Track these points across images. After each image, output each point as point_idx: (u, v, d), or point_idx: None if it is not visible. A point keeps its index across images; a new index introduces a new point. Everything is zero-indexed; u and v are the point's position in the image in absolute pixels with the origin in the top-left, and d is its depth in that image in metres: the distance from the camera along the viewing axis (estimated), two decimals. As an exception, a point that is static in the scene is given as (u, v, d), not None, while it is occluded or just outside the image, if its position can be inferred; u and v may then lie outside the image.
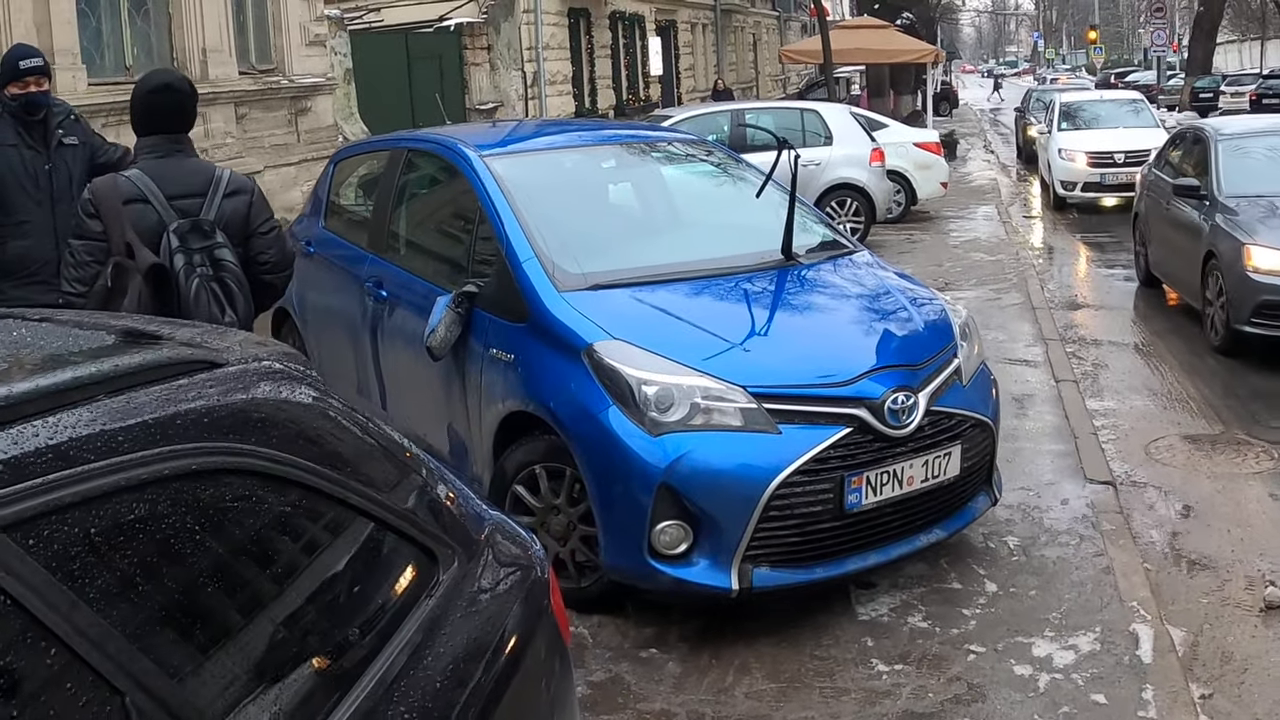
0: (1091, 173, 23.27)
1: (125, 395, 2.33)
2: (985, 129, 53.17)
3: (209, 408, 2.48)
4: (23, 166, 7.00)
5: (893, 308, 6.93)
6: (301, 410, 2.78)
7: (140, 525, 2.18)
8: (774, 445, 5.83)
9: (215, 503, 2.40)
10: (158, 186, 5.67)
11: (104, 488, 2.11)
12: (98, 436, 2.18)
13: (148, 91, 5.83)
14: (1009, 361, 11.33)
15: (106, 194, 5.61)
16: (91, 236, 5.59)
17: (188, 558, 2.29)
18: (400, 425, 7.81)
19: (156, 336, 2.87)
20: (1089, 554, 7.00)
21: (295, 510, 2.63)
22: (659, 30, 44.77)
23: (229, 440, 2.46)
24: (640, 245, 7.52)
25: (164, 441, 2.29)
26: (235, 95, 18.38)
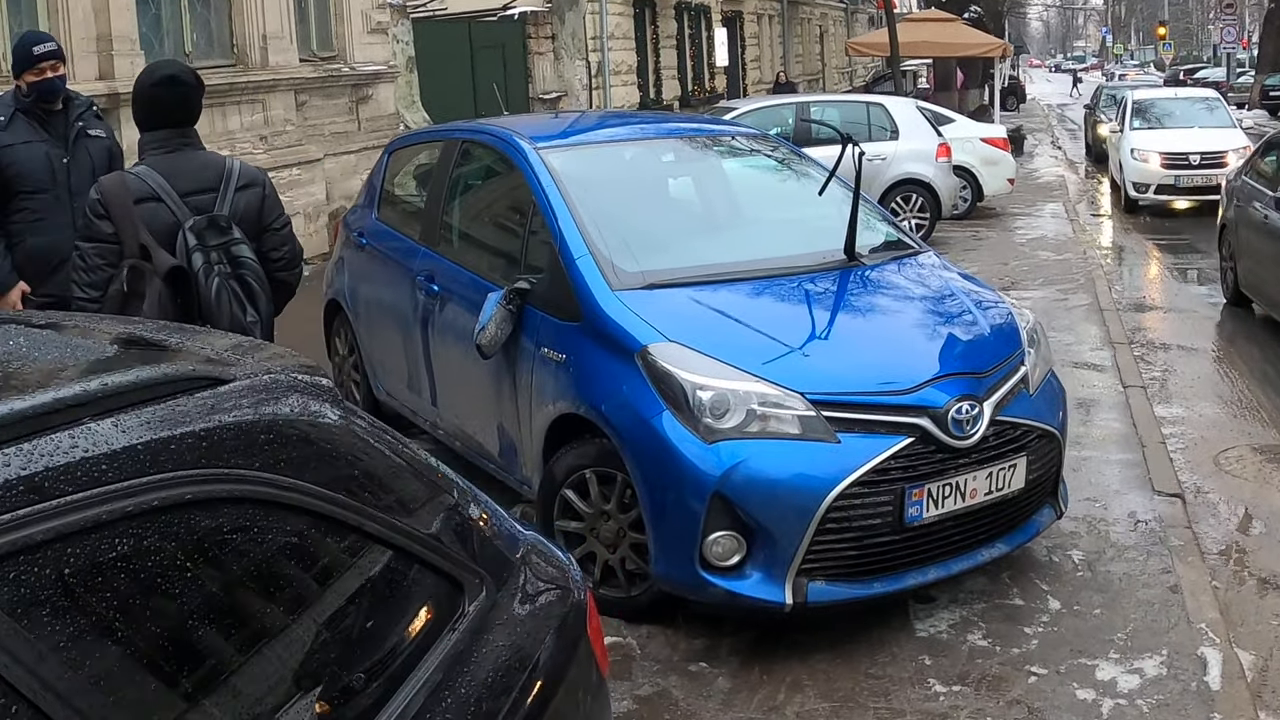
0: (1166, 174, 22.45)
1: (113, 418, 2.14)
2: (1053, 124, 52.67)
3: (208, 430, 2.28)
4: (38, 160, 6.76)
5: (958, 312, 6.70)
6: (316, 430, 2.57)
7: (123, 563, 2.00)
8: (832, 455, 5.61)
9: (212, 535, 2.20)
10: (169, 183, 5.47)
11: (81, 522, 1.93)
12: (77, 465, 1.99)
13: (152, 84, 5.61)
14: (1075, 365, 11.07)
15: (116, 193, 5.40)
16: (102, 239, 5.38)
17: (177, 598, 2.10)
18: (449, 423, 7.74)
19: (161, 348, 2.68)
20: (1156, 570, 6.75)
21: (304, 541, 2.42)
22: (725, 21, 44.56)
23: (230, 466, 2.26)
24: (698, 243, 7.30)
25: (154, 469, 2.10)
26: (295, 82, 18.30)
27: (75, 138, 6.84)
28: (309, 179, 18.41)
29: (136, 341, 2.80)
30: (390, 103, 21.39)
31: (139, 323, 3.09)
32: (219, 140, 16.49)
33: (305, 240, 17.98)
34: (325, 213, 18.40)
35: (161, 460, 2.12)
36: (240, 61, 17.49)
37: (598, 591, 6.19)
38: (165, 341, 2.78)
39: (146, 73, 5.76)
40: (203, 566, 2.17)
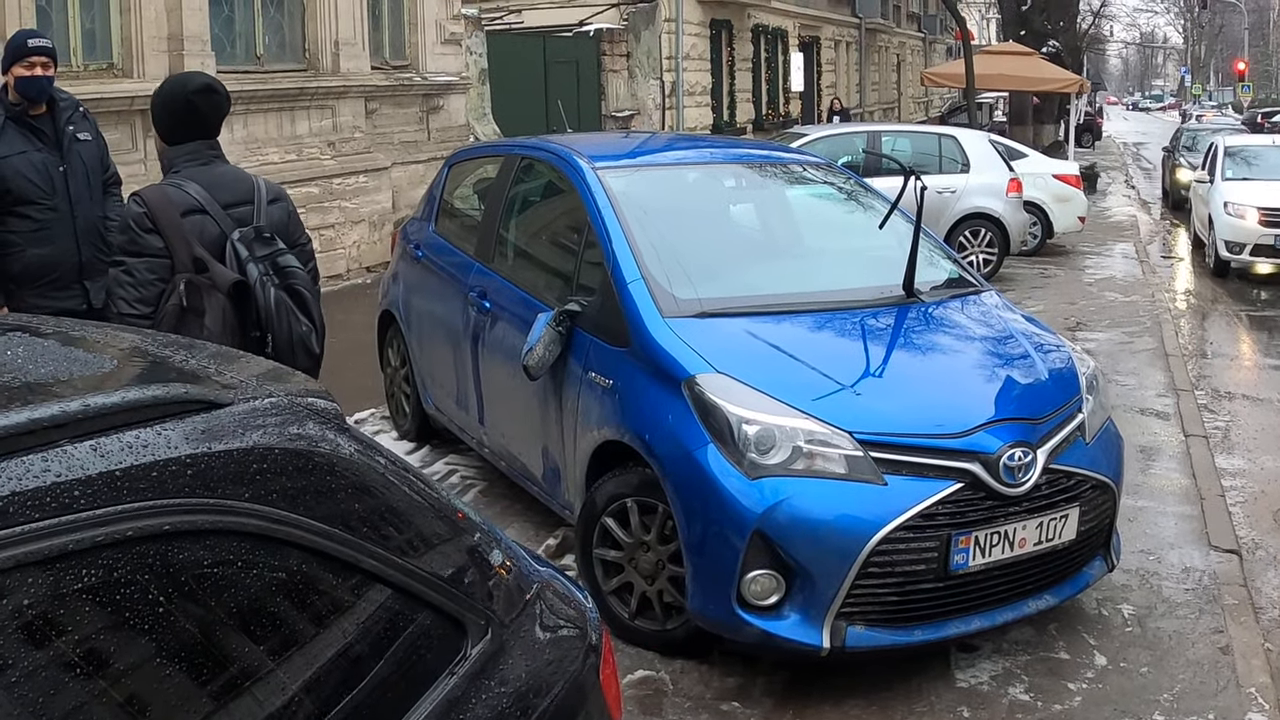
0: (1265, 233, 19.67)
1: (93, 440, 2.03)
2: (1127, 163, 52.28)
3: (195, 457, 2.16)
4: (35, 171, 6.57)
5: (1016, 354, 6.55)
6: (314, 460, 2.44)
7: (90, 596, 1.90)
8: (878, 497, 5.47)
9: (190, 569, 2.09)
10: (210, 194, 5.36)
11: (46, 551, 1.83)
12: (47, 490, 1.89)
13: (192, 92, 5.45)
14: (1138, 412, 10.87)
15: (162, 206, 5.25)
16: (152, 253, 5.22)
17: (149, 635, 1.99)
18: (495, 442, 7.66)
19: (169, 367, 2.58)
20: (1207, 630, 6.57)
21: (293, 577, 2.30)
22: (802, 46, 44.52)
23: (216, 496, 2.15)
24: (753, 272, 7.18)
25: (131, 497, 1.99)
26: (366, 90, 18.38)
27: (68, 144, 6.65)
28: (375, 186, 18.45)
29: (142, 359, 2.70)
30: (461, 114, 21.42)
31: (151, 336, 2.97)
32: (286, 144, 16.59)
33: (370, 248, 18.11)
34: (390, 221, 18.43)
35: (141, 488, 2.02)
36: (311, 66, 17.56)
37: (633, 623, 6.10)
38: (168, 360, 2.68)
39: (178, 82, 5.62)
40: (179, 602, 2.06)
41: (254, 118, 16.27)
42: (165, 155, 5.57)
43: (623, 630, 6.12)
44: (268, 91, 16.46)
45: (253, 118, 16.24)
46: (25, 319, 2.91)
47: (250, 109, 16.16)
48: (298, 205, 16.50)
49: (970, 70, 28.67)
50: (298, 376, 2.76)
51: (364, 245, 18.26)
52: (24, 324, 2.78)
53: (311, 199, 17.08)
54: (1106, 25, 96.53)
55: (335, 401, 2.66)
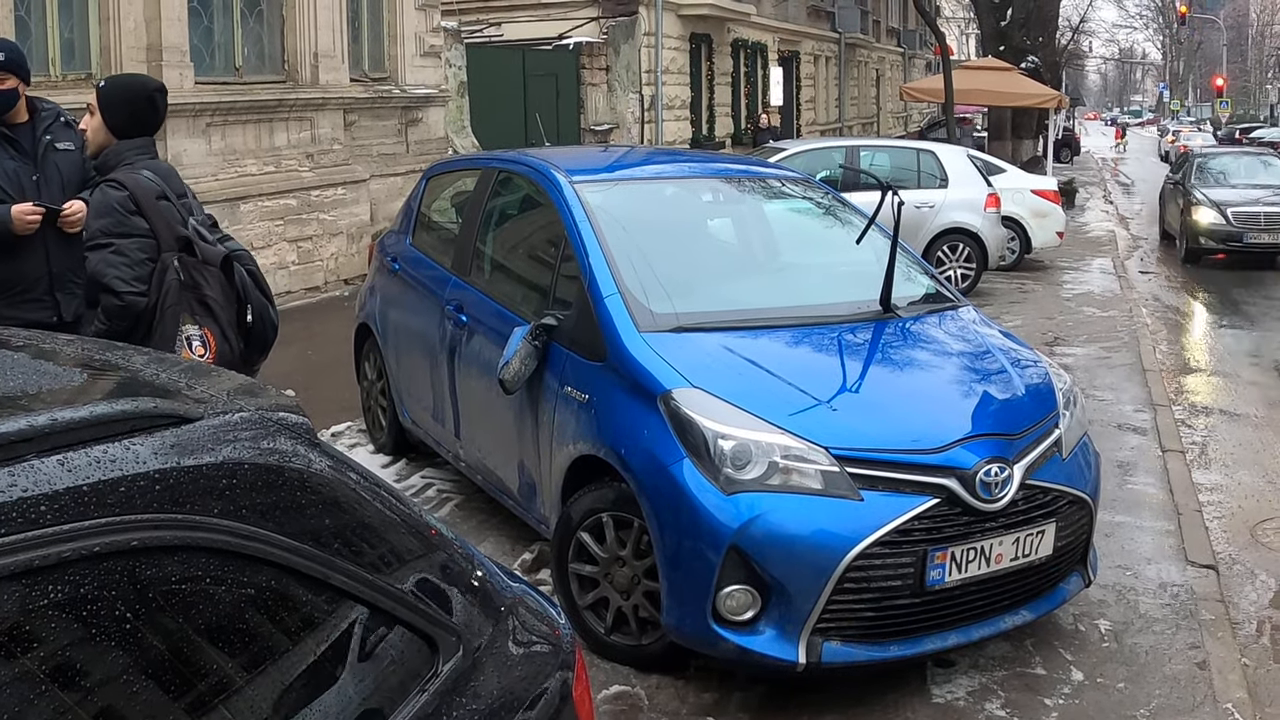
0: None
1: (59, 455, 2.01)
2: (1106, 178, 52.43)
3: (163, 472, 2.14)
4: (6, 180, 6.44)
5: (993, 370, 6.55)
6: (285, 476, 2.42)
7: (55, 612, 1.88)
8: (854, 513, 5.45)
9: (158, 585, 2.06)
10: (166, 184, 5.76)
11: (11, 567, 1.81)
12: (13, 505, 1.87)
13: (154, 90, 5.95)
14: (1116, 427, 10.88)
15: (141, 190, 5.61)
16: (141, 233, 5.55)
17: (115, 652, 1.97)
18: (471, 456, 7.64)
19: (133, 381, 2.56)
20: (1184, 645, 6.57)
21: (263, 593, 2.28)
22: (781, 60, 44.57)
23: (185, 511, 2.12)
24: (730, 287, 7.17)
25: (99, 512, 1.97)
26: (345, 102, 18.37)
27: (43, 153, 6.59)
28: (354, 199, 18.43)
29: (113, 372, 2.68)
30: (440, 126, 21.41)
31: (122, 349, 2.95)
32: (265, 156, 16.56)
33: (348, 260, 18.10)
34: (368, 233, 18.42)
35: (108, 503, 2.00)
36: (290, 78, 17.56)
37: (608, 638, 6.08)
38: (140, 373, 2.65)
39: (137, 81, 6.14)
40: (148, 618, 2.03)
41: (232, 129, 16.25)
42: (112, 150, 5.84)
43: (598, 645, 6.10)
44: (246, 103, 16.44)
45: (231, 129, 16.22)
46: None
47: (229, 120, 16.14)
48: (276, 217, 16.57)
49: (949, 85, 28.70)
50: (269, 391, 2.74)
51: (342, 257, 18.23)
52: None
53: (290, 211, 17.07)
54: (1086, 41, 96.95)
55: (306, 416, 2.64)
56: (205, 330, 5.53)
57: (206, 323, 5.55)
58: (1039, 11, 38.19)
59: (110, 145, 5.83)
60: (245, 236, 15.93)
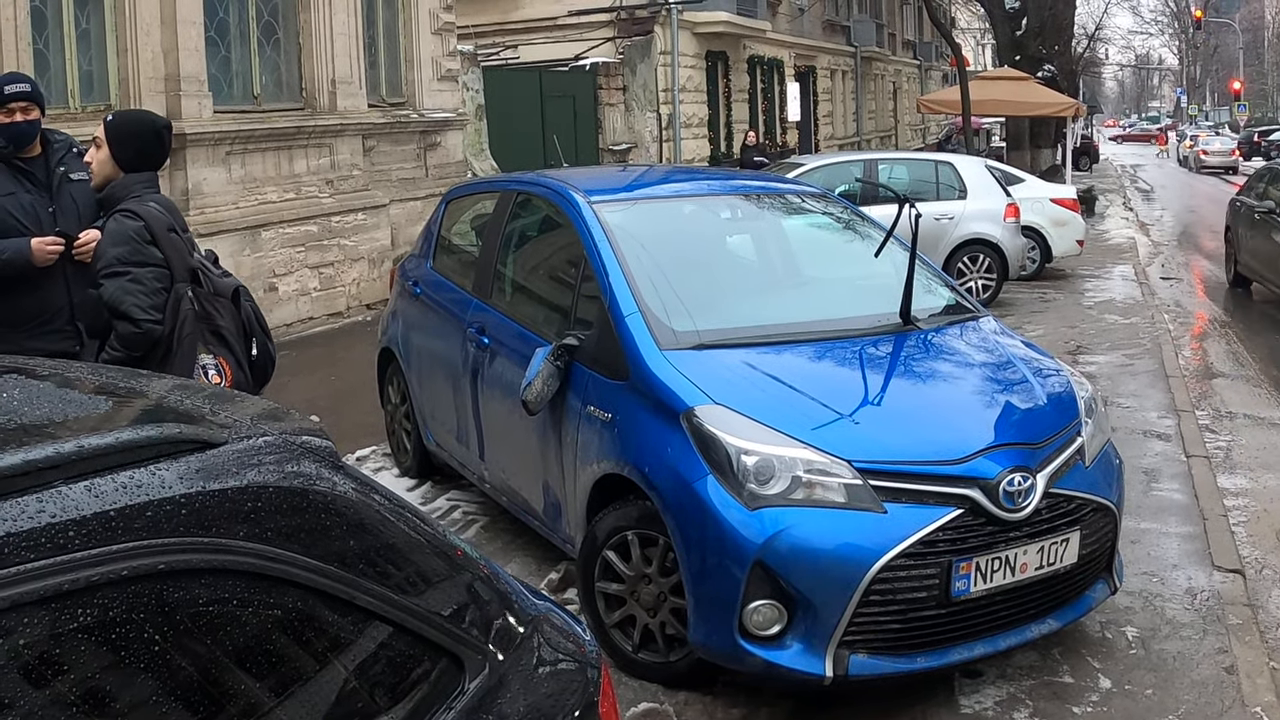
0: None
1: (86, 481, 2.05)
2: (1125, 185, 52.32)
3: (189, 496, 2.17)
4: (23, 213, 6.48)
5: (1014, 380, 6.56)
6: (309, 498, 2.45)
7: (85, 636, 1.91)
8: (878, 525, 5.46)
9: (185, 608, 2.10)
10: (172, 218, 5.86)
11: (41, 591, 1.85)
12: (41, 531, 1.91)
13: (162, 127, 6.08)
14: (1140, 433, 10.86)
15: (155, 221, 5.69)
16: (156, 263, 5.64)
17: (143, 675, 1.99)
18: (496, 478, 7.66)
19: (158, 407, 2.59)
20: (1212, 650, 6.56)
21: (289, 615, 2.31)
22: (798, 76, 44.59)
23: (211, 535, 2.16)
24: (751, 303, 7.19)
25: (126, 536, 2.00)
26: (364, 127, 18.44)
27: (59, 184, 6.63)
28: (374, 224, 18.50)
29: (137, 399, 2.71)
30: (458, 150, 21.47)
31: (145, 377, 2.99)
32: (285, 183, 16.64)
33: (369, 286, 18.15)
34: (389, 258, 18.48)
35: (136, 528, 2.03)
36: (308, 105, 17.63)
37: (636, 655, 6.09)
38: (166, 401, 2.69)
39: (145, 117, 6.27)
40: (175, 641, 2.06)
41: (251, 157, 16.33)
42: (120, 182, 5.92)
43: (626, 663, 6.12)
44: (265, 131, 16.53)
45: (250, 157, 16.30)
46: (21, 361, 2.93)
47: (248, 148, 16.22)
48: (297, 244, 16.68)
49: (966, 96, 28.69)
50: (292, 416, 2.77)
51: (363, 283, 18.30)
52: (20, 366, 2.79)
53: (311, 237, 17.13)
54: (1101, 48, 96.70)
55: (330, 440, 2.67)
56: (220, 359, 5.61)
57: (221, 352, 5.64)
58: (1054, 20, 38.21)
59: (116, 178, 5.91)
60: (267, 264, 16.05)
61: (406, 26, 20.24)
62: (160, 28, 14.74)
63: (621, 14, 32.03)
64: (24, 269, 6.35)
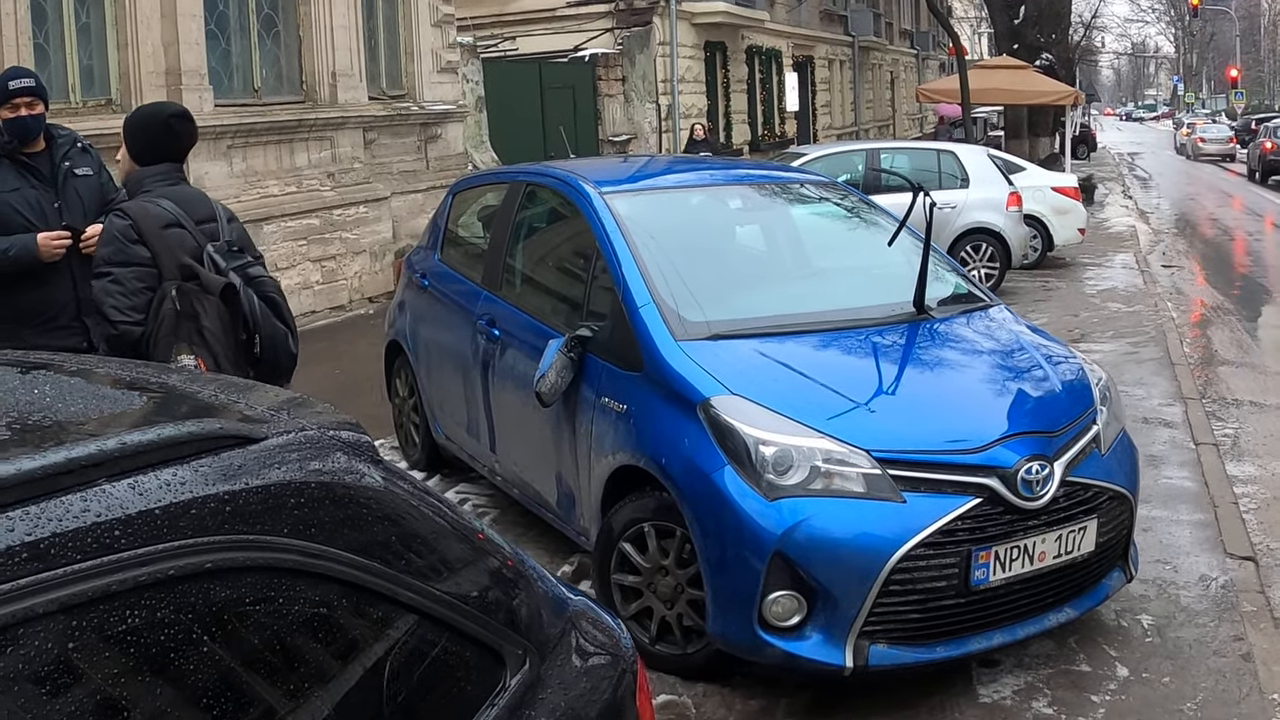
0: None
1: (130, 479, 2.01)
2: (1123, 173, 52.29)
3: (233, 493, 2.14)
4: (29, 208, 6.46)
5: (1029, 368, 6.54)
6: (350, 493, 2.42)
7: (133, 638, 1.87)
8: (898, 515, 5.45)
9: (232, 607, 2.07)
10: (184, 211, 5.66)
11: (89, 593, 1.81)
12: (87, 531, 1.87)
13: (169, 116, 5.87)
14: (1146, 421, 10.83)
15: (145, 219, 5.54)
16: (140, 262, 5.49)
17: (192, 675, 1.97)
18: (508, 470, 7.64)
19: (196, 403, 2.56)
20: (1227, 638, 6.55)
21: (333, 611, 2.28)
22: (796, 66, 44.50)
23: (255, 532, 2.12)
24: (764, 293, 7.17)
25: (172, 535, 1.97)
26: (364, 120, 18.40)
27: (64, 179, 6.59)
28: (376, 217, 18.46)
29: (170, 394, 2.69)
30: (459, 142, 21.43)
31: (174, 372, 2.96)
32: (286, 176, 16.61)
33: (372, 279, 18.12)
34: (391, 251, 18.45)
35: (181, 526, 2.00)
36: (309, 98, 17.60)
37: (653, 648, 6.07)
38: (199, 395, 2.66)
39: (156, 107, 6.06)
40: (221, 641, 2.04)
41: (253, 150, 16.30)
42: (133, 177, 5.82)
43: (644, 656, 6.05)
44: (266, 124, 16.49)
45: (251, 150, 16.26)
46: (47, 356, 2.90)
47: (249, 142, 16.18)
48: (299, 237, 16.60)
49: (965, 85, 28.63)
50: (326, 407, 2.74)
51: (365, 276, 18.26)
52: (47, 361, 2.76)
53: (312, 230, 17.10)
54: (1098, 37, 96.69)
55: (365, 432, 2.64)
56: (199, 360, 5.48)
57: (201, 352, 5.50)
58: (1052, 8, 38.09)
59: (133, 173, 5.84)
60: (270, 257, 15.93)
61: (406, 19, 20.19)
62: (160, 21, 14.69)
63: (620, 5, 31.98)
64: (31, 265, 6.33)
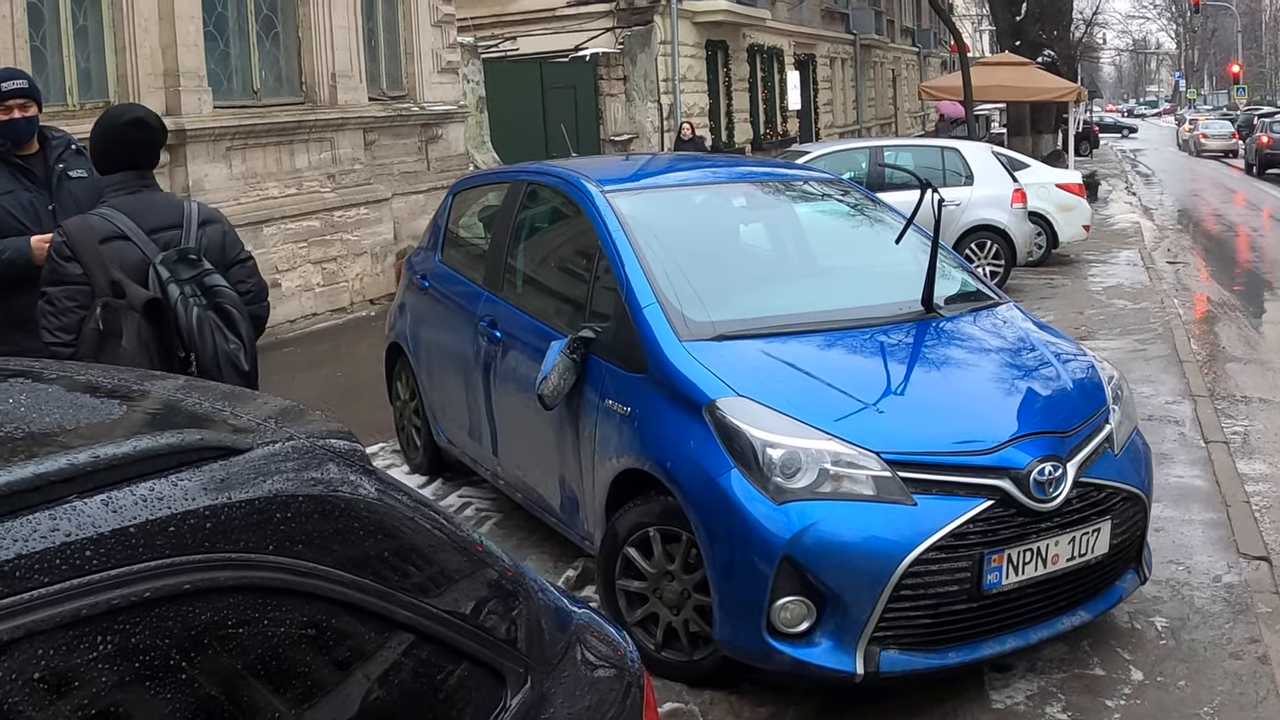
0: None
1: (104, 494, 1.90)
2: (1126, 170, 52.22)
3: (214, 508, 2.02)
4: (23, 211, 6.33)
5: (1040, 367, 6.43)
6: (341, 506, 2.29)
7: (106, 665, 1.77)
8: (908, 518, 5.33)
9: (214, 630, 1.95)
10: (134, 221, 5.42)
11: (59, 618, 1.71)
12: (56, 551, 1.76)
13: (122, 124, 5.59)
14: (1155, 420, 10.72)
15: (81, 234, 5.34)
16: (71, 280, 5.31)
17: (170, 704, 1.85)
18: (510, 474, 7.54)
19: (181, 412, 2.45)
20: (1243, 639, 6.43)
21: (323, 632, 2.16)
22: (798, 64, 44.44)
23: (238, 550, 2.01)
24: (770, 292, 7.05)
25: (148, 555, 1.86)
26: (364, 121, 18.33)
27: (58, 182, 6.50)
28: (376, 218, 18.38)
29: (154, 403, 2.57)
30: (460, 143, 21.35)
31: (159, 378, 2.84)
32: (286, 178, 16.53)
33: (373, 280, 18.03)
34: (392, 252, 18.37)
35: (158, 544, 1.89)
36: (309, 99, 17.53)
37: (659, 654, 5.97)
38: (179, 404, 2.55)
39: (113, 114, 5.74)
40: (204, 666, 1.92)
41: (252, 152, 16.21)
42: (95, 187, 5.74)
43: (649, 663, 5.91)
44: (265, 125, 16.42)
45: (251, 152, 16.18)
46: (28, 363, 2.79)
47: (249, 143, 16.10)
48: (299, 239, 16.49)
49: (968, 83, 28.54)
50: (318, 416, 2.62)
51: (367, 277, 18.17)
52: (26, 369, 2.65)
53: (313, 232, 17.02)
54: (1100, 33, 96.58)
55: (357, 441, 2.52)
56: None
57: None
58: (1053, 5, 38.10)
59: (98, 183, 5.73)
60: (269, 260, 15.92)
61: (406, 19, 20.11)
62: (158, 23, 14.62)
63: (621, 4, 31.91)
64: (25, 268, 6.22)
